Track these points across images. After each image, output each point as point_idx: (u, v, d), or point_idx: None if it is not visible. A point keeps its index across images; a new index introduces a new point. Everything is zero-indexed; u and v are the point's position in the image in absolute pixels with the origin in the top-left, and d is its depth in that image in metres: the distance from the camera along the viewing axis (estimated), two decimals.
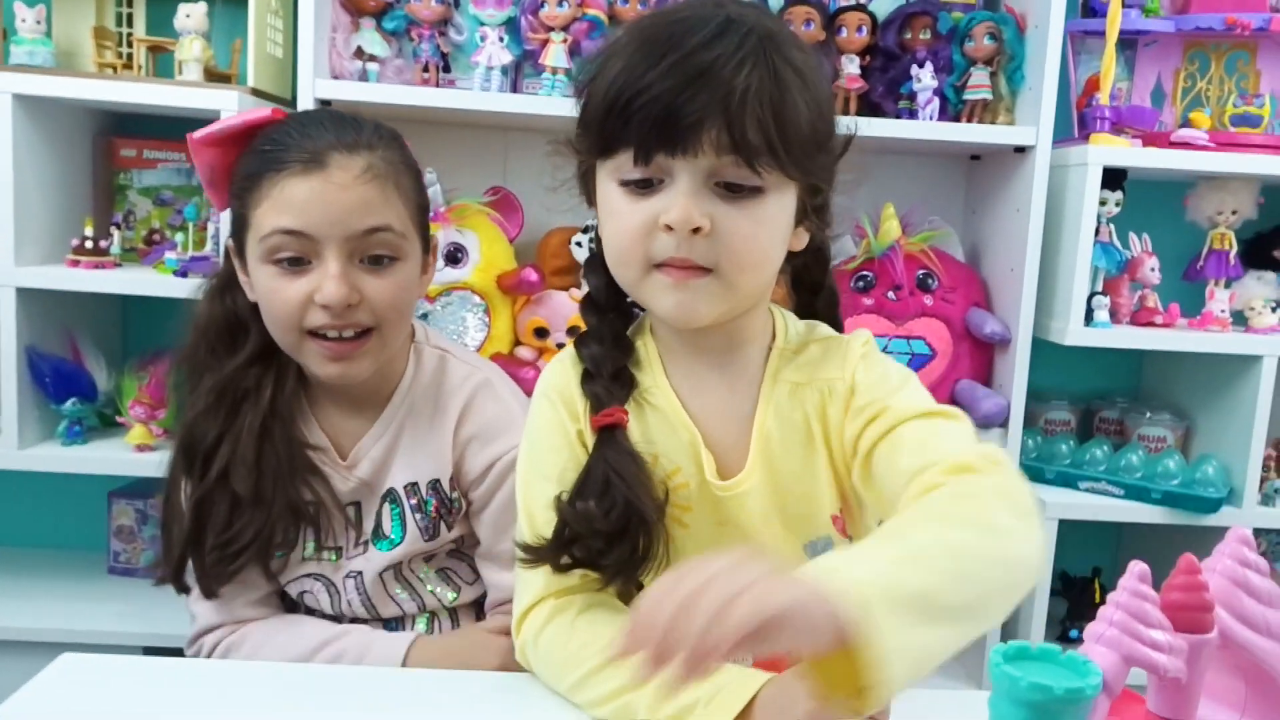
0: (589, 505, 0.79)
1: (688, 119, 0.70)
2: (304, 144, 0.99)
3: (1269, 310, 1.66)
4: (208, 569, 1.06)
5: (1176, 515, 1.62)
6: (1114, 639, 0.45)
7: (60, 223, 1.61)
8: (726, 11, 0.73)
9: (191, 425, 1.06)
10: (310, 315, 1.00)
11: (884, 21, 1.66)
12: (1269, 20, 1.65)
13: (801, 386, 0.83)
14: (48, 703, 0.78)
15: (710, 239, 0.73)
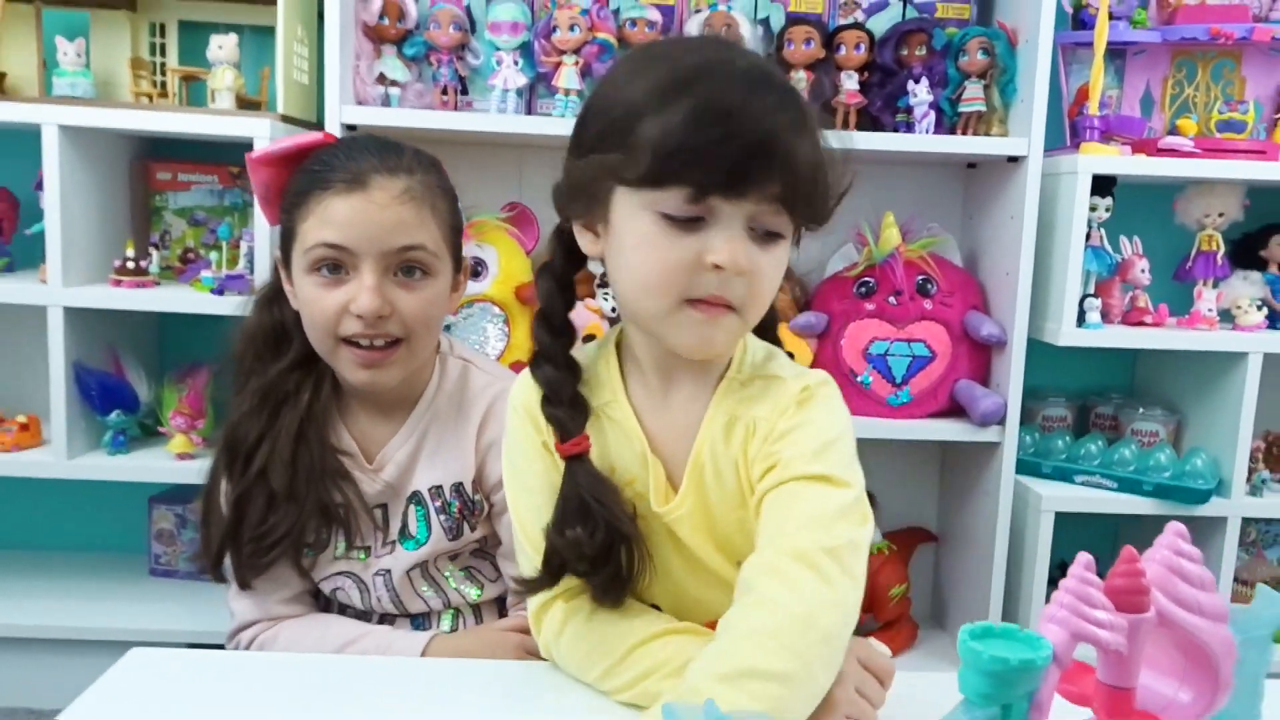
0: (577, 532, 0.82)
1: (754, 173, 0.75)
2: (349, 165, 1.08)
3: (1254, 309, 1.73)
4: (244, 561, 1.14)
5: (1168, 506, 1.69)
6: (1063, 618, 0.53)
7: (101, 244, 1.70)
8: (766, 69, 0.80)
9: (235, 425, 1.15)
10: (345, 323, 1.08)
11: (881, 39, 1.73)
12: (1251, 30, 1.71)
13: (735, 421, 0.85)
14: (121, 697, 0.85)
15: (743, 280, 0.78)
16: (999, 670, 0.49)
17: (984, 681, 0.49)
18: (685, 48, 0.85)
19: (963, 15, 1.78)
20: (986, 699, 0.49)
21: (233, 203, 1.82)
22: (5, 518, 1.96)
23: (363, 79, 1.68)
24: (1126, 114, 1.84)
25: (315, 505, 1.14)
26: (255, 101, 1.74)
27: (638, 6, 1.70)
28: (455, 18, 1.67)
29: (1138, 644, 0.54)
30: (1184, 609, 0.55)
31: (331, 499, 1.15)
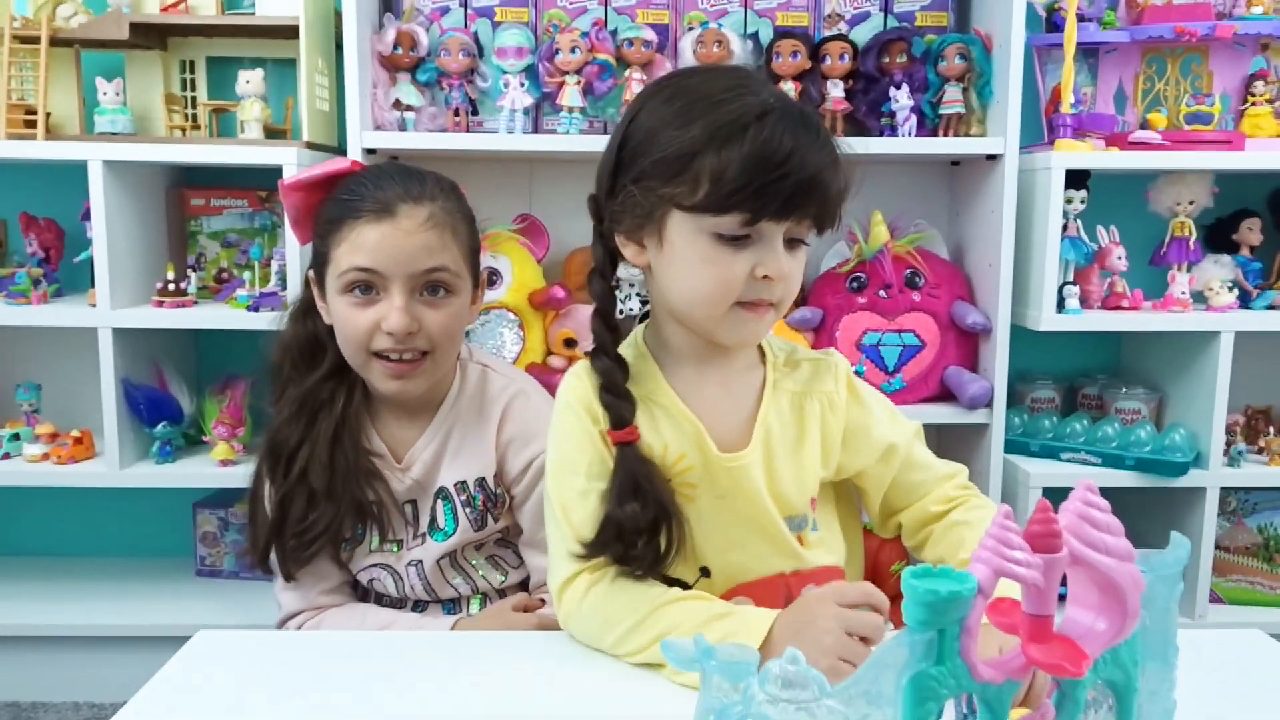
0: (634, 506, 0.94)
1: (802, 204, 0.92)
2: (376, 194, 1.19)
3: (1226, 290, 1.83)
4: (288, 554, 1.26)
5: (1149, 479, 1.79)
6: (986, 558, 0.63)
7: (143, 268, 1.83)
8: (801, 110, 0.94)
9: (276, 431, 1.27)
10: (377, 339, 1.20)
11: (864, 48, 1.83)
12: (1213, 28, 1.81)
13: (801, 395, 1.04)
14: (193, 674, 0.94)
15: (782, 282, 0.94)
16: (932, 600, 0.59)
17: (921, 610, 0.60)
18: (721, 86, 0.95)
19: (940, 23, 1.88)
20: (924, 625, 0.60)
21: (263, 225, 1.95)
22: (62, 526, 2.09)
23: (380, 105, 1.80)
24: (1101, 110, 1.93)
25: (351, 503, 1.26)
26: (281, 130, 1.86)
27: (634, 27, 1.82)
28: (464, 45, 1.79)
29: (1052, 579, 0.64)
30: (1093, 549, 0.65)
31: (365, 497, 1.26)
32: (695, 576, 1.04)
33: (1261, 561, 1.92)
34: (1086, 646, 0.65)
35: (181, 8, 1.82)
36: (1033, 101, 1.89)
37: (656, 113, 0.96)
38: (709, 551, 1.03)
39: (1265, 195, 1.98)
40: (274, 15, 1.77)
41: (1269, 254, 1.95)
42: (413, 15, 1.85)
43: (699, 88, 0.96)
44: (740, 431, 1.03)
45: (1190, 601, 1.84)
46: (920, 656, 0.60)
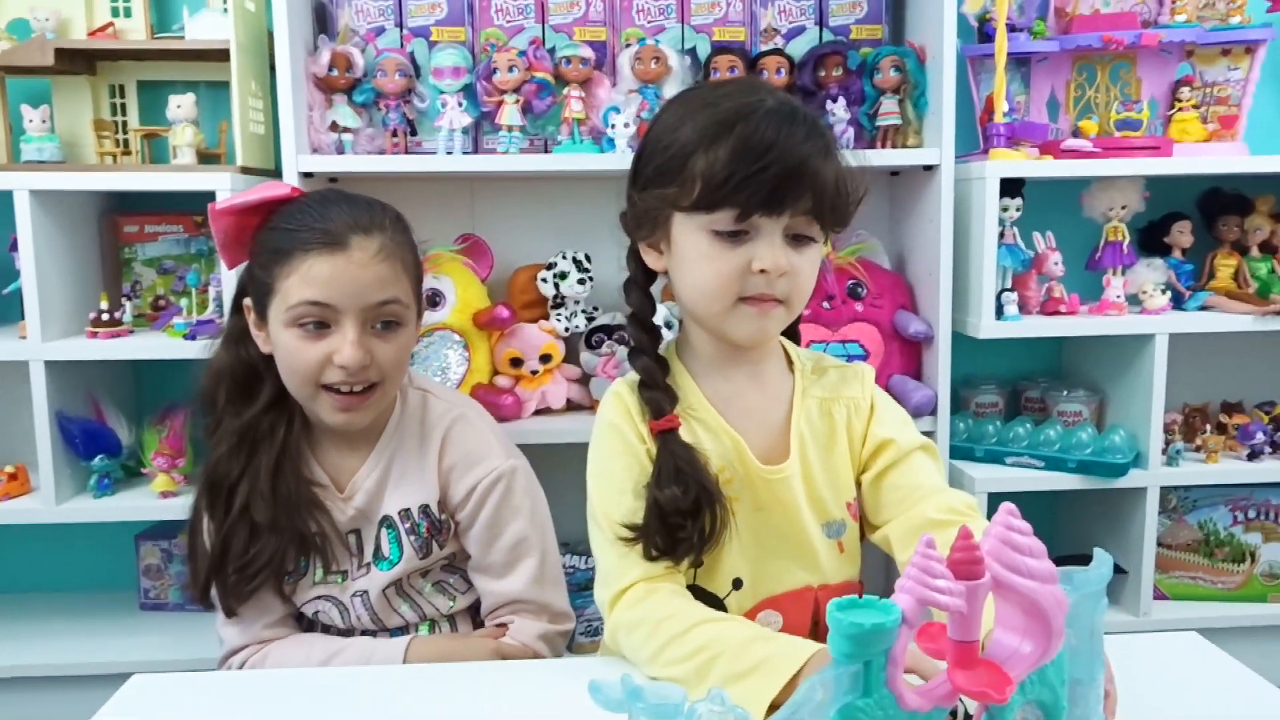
0: (674, 490, 0.98)
1: (790, 195, 0.94)
2: (326, 225, 1.18)
3: (1159, 292, 1.86)
4: (229, 589, 1.24)
5: (1091, 480, 1.82)
6: (910, 587, 0.64)
7: (76, 298, 1.79)
8: (794, 106, 0.98)
9: (215, 465, 1.24)
10: (327, 373, 1.19)
11: (800, 62, 1.85)
12: (1139, 36, 1.85)
13: (829, 401, 1.08)
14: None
15: (786, 278, 0.97)
16: (856, 633, 0.60)
17: (845, 643, 0.60)
18: (722, 93, 1.02)
19: (875, 36, 1.90)
20: (850, 657, 0.61)
21: (199, 250, 1.91)
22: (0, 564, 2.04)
23: (316, 127, 1.78)
24: (1034, 118, 1.97)
25: (294, 535, 1.24)
26: (215, 154, 1.84)
27: (571, 45, 1.81)
28: (400, 65, 1.78)
29: (975, 606, 0.65)
30: (1015, 573, 0.66)
31: (308, 528, 1.25)
32: (728, 589, 1.06)
33: (1203, 557, 1.96)
34: (1013, 669, 0.66)
35: (109, 32, 1.79)
36: (967, 111, 1.92)
37: (661, 123, 1.02)
38: (743, 563, 1.06)
39: (1194, 198, 2.03)
40: (204, 39, 1.74)
41: (1199, 255, 1.99)
42: (348, 36, 1.83)
43: (701, 96, 1.03)
44: (776, 442, 1.06)
45: (1135, 599, 1.87)
46: (847, 689, 0.60)
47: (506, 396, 1.79)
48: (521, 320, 1.87)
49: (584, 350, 1.91)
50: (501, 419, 1.66)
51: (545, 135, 1.86)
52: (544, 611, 1.29)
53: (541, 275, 1.88)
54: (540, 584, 1.29)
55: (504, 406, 1.76)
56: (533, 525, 1.29)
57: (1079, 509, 2.07)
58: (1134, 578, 1.87)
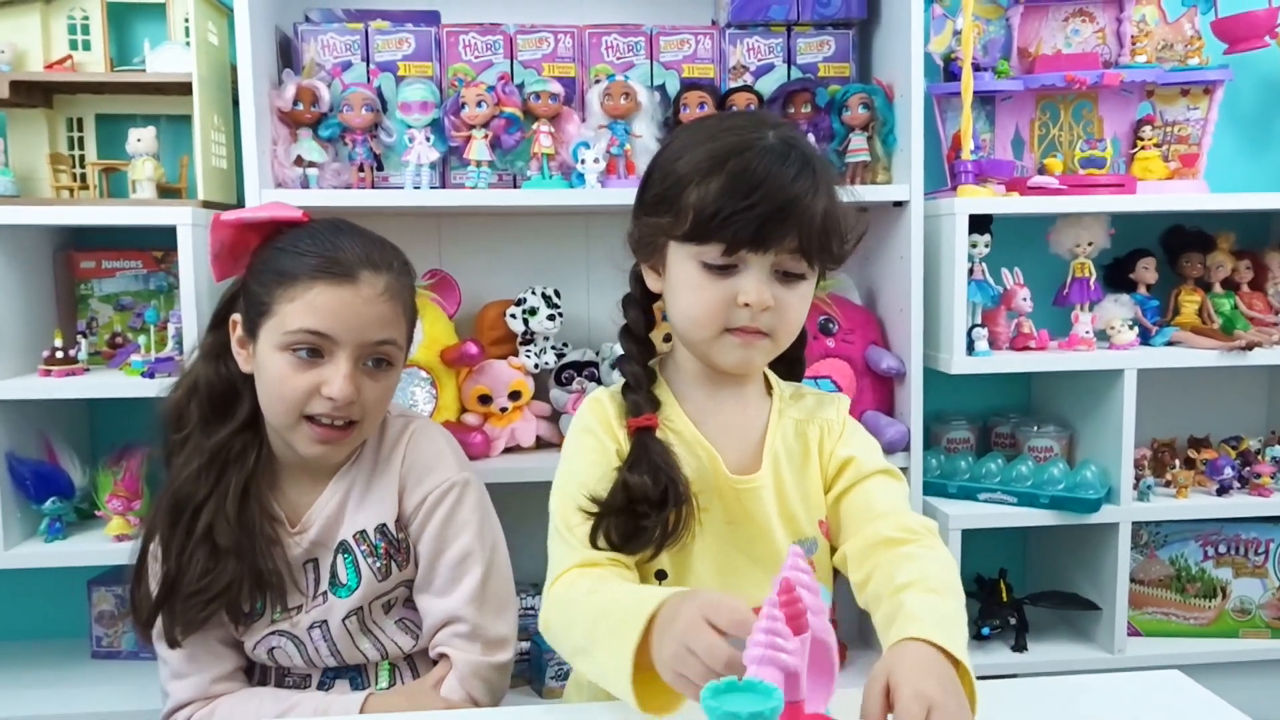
0: (642, 478, 1.00)
1: (776, 233, 0.96)
2: (337, 255, 1.16)
3: (1127, 328, 1.88)
4: (178, 616, 1.19)
5: (1063, 516, 1.82)
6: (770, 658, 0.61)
7: (29, 335, 1.74)
8: (791, 143, 0.99)
9: (182, 484, 1.20)
10: (313, 403, 1.16)
11: (769, 99, 1.85)
12: (1101, 75, 1.88)
13: (804, 422, 1.10)
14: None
15: (772, 313, 0.99)
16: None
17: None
18: (726, 126, 1.03)
19: (843, 74, 1.91)
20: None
21: (158, 286, 1.87)
22: None
23: (280, 162, 1.75)
24: (1000, 155, 1.99)
25: (252, 569, 1.20)
26: (176, 189, 1.80)
27: (540, 80, 1.81)
28: (367, 100, 1.76)
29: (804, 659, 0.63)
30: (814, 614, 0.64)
31: (265, 565, 1.21)
32: None
33: (1175, 593, 1.96)
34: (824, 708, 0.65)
35: (67, 65, 1.76)
36: (935, 148, 1.93)
37: (667, 151, 1.05)
38: (713, 577, 1.06)
39: (1157, 235, 2.05)
40: (166, 72, 1.71)
41: (1164, 291, 2.01)
42: (313, 70, 1.81)
43: (707, 128, 1.04)
44: (750, 456, 1.08)
45: (1109, 636, 1.86)
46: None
47: (475, 435, 1.76)
48: (490, 357, 1.84)
49: (554, 387, 1.88)
50: (471, 458, 1.62)
51: (514, 170, 1.85)
52: (478, 637, 1.24)
53: (510, 311, 1.86)
54: (480, 604, 1.24)
55: (473, 445, 1.73)
56: (479, 542, 1.26)
57: (1051, 545, 2.06)
58: (1107, 614, 1.87)
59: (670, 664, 0.80)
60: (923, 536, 1.01)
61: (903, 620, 0.87)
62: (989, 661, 1.85)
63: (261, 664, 1.29)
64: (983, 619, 1.91)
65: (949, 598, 0.93)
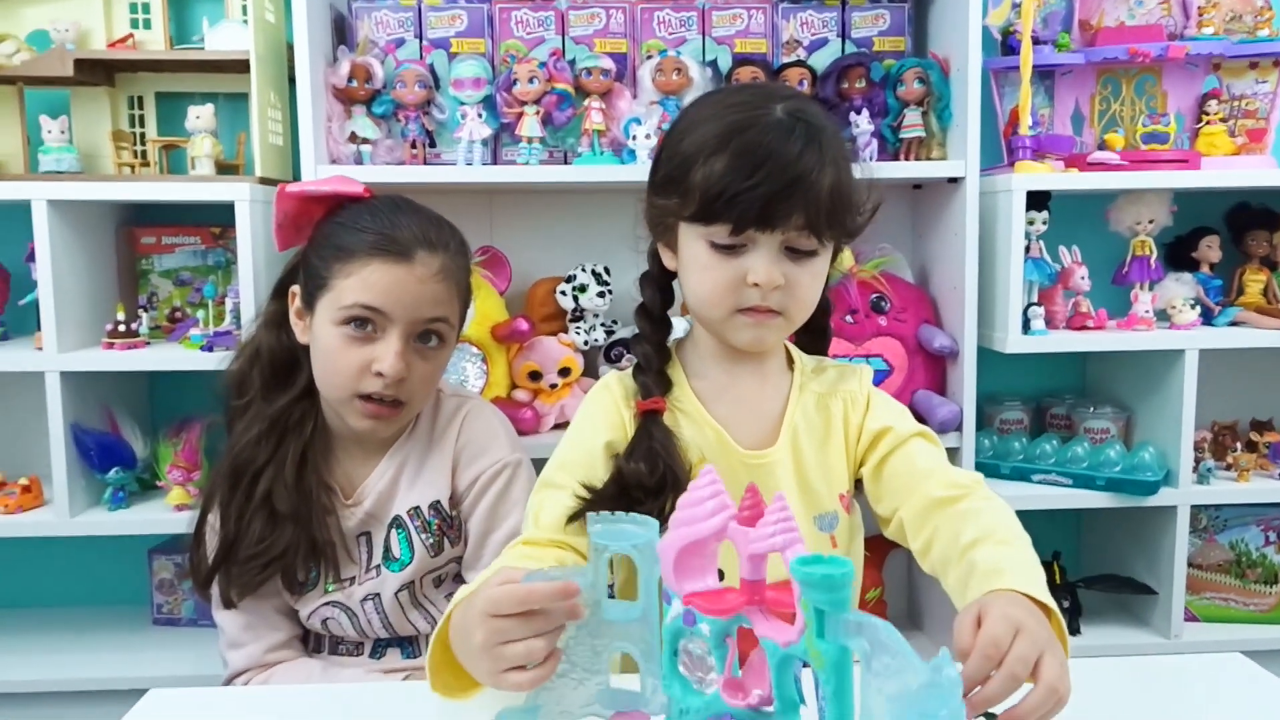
0: (639, 466, 0.99)
1: (781, 211, 0.94)
2: (395, 233, 1.18)
3: (1188, 308, 1.83)
4: (234, 579, 1.23)
5: (1120, 499, 1.79)
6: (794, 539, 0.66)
7: (92, 309, 1.78)
8: (798, 116, 0.96)
9: (242, 450, 1.24)
10: (365, 381, 1.18)
11: (822, 74, 1.83)
12: (1166, 49, 1.83)
13: (826, 396, 1.08)
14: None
15: (783, 291, 0.97)
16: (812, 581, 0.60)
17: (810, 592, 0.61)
18: (732, 102, 1.01)
19: (898, 48, 1.88)
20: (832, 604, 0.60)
21: (216, 262, 1.90)
22: (12, 577, 2.02)
23: (335, 138, 1.77)
24: (1059, 131, 1.94)
25: (307, 536, 1.23)
26: (233, 165, 1.83)
27: (592, 56, 1.80)
28: (420, 77, 1.77)
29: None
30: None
31: (321, 534, 1.23)
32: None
33: (1234, 578, 1.92)
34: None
35: (129, 43, 1.79)
36: (991, 124, 1.90)
37: (675, 129, 1.03)
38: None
39: (1222, 213, 2.00)
40: (224, 50, 1.74)
41: (1228, 270, 1.96)
42: (367, 48, 1.82)
43: (714, 104, 1.03)
44: (767, 432, 1.07)
45: (1165, 621, 1.83)
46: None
47: (525, 410, 1.77)
48: (540, 333, 1.85)
49: (603, 364, 1.89)
50: (520, 433, 1.64)
51: (565, 147, 1.85)
52: None
53: (560, 288, 1.87)
54: None
55: (523, 420, 1.74)
56: None
57: (1106, 528, 2.03)
58: (1164, 599, 1.83)
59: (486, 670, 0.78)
60: (974, 489, 1.00)
61: (980, 578, 0.86)
62: None
63: (316, 633, 1.32)
64: None
65: (1020, 546, 0.92)
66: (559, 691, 0.78)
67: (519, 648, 0.75)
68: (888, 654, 0.57)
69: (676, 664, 0.72)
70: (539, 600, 0.74)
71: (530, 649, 0.75)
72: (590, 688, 0.79)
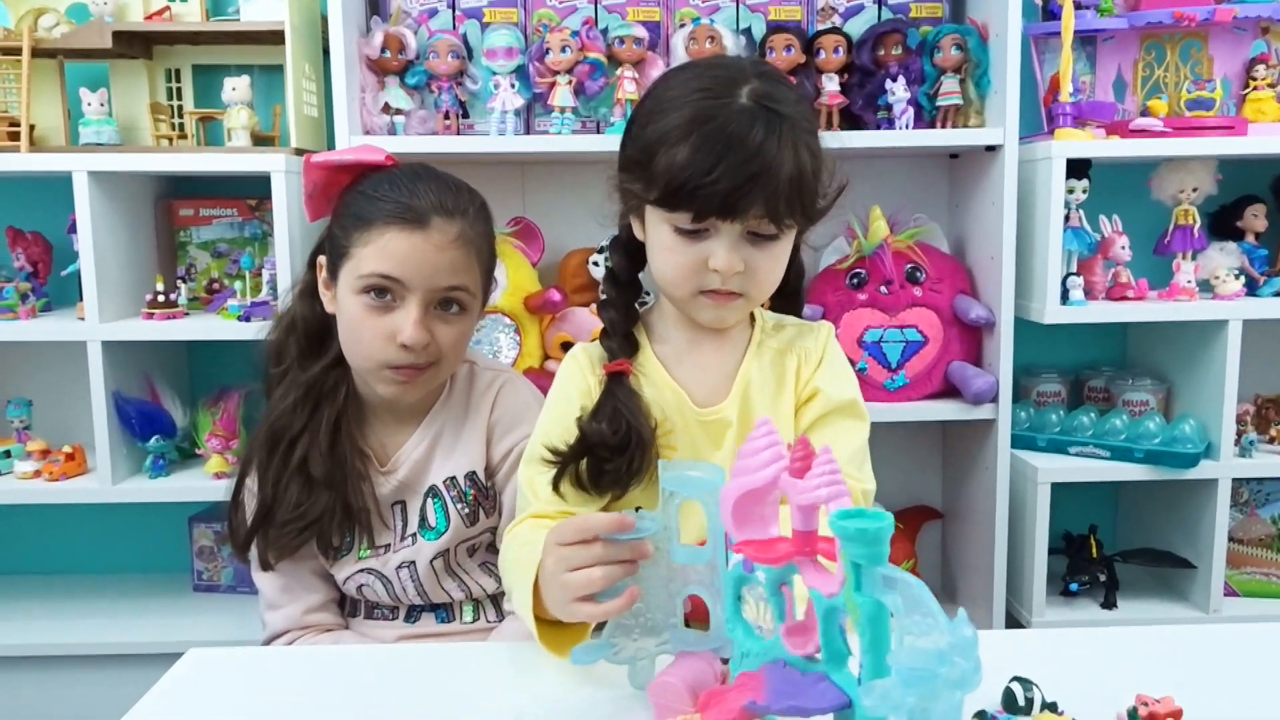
0: (601, 426, 1.02)
1: (741, 203, 0.95)
2: (412, 201, 1.18)
3: (1232, 278, 1.80)
4: (272, 542, 1.25)
5: (1159, 471, 1.76)
6: (839, 492, 0.66)
7: (132, 280, 1.80)
8: (763, 103, 0.95)
9: (279, 417, 1.25)
10: (388, 352, 1.19)
11: (858, 41, 1.81)
12: (1213, 12, 1.78)
13: (782, 352, 1.09)
14: (185, 693, 0.92)
15: (743, 275, 0.99)
16: (851, 533, 0.61)
17: (848, 546, 0.62)
18: (698, 85, 0.99)
19: (935, 14, 1.85)
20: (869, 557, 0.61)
21: (253, 234, 1.92)
22: (56, 544, 2.06)
23: (369, 110, 1.77)
24: (1100, 98, 1.91)
25: (343, 499, 1.24)
26: (269, 137, 1.84)
27: (624, 25, 1.79)
28: (453, 47, 1.77)
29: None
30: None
31: (354, 499, 1.25)
32: None
33: (1276, 553, 1.89)
34: None
35: (166, 16, 1.80)
36: (1031, 91, 1.86)
37: (643, 109, 1.03)
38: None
39: (1269, 181, 1.96)
40: (260, 21, 1.74)
41: (1274, 240, 1.92)
42: (400, 18, 1.82)
43: (681, 85, 1.01)
44: (721, 387, 1.08)
45: (1204, 595, 1.81)
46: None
47: None
48: (573, 304, 1.85)
49: None
50: None
51: (598, 117, 1.84)
52: None
53: (593, 259, 1.86)
54: None
55: None
56: None
57: (1144, 502, 2.00)
58: (1203, 573, 1.81)
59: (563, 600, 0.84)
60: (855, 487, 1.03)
61: None
62: (1076, 617, 1.82)
63: (351, 598, 1.34)
64: (1071, 575, 1.87)
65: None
66: (634, 631, 0.82)
67: (580, 575, 0.82)
68: (918, 611, 0.56)
69: (740, 609, 0.73)
70: (597, 529, 0.82)
71: (590, 577, 0.82)
72: (663, 629, 0.83)
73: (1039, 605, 1.80)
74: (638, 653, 0.84)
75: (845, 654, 0.67)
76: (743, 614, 0.74)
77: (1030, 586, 1.80)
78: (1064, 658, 0.95)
